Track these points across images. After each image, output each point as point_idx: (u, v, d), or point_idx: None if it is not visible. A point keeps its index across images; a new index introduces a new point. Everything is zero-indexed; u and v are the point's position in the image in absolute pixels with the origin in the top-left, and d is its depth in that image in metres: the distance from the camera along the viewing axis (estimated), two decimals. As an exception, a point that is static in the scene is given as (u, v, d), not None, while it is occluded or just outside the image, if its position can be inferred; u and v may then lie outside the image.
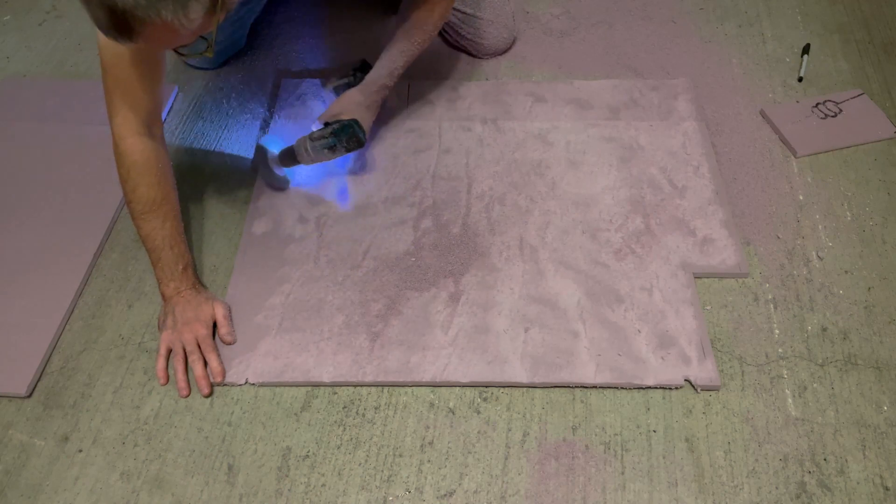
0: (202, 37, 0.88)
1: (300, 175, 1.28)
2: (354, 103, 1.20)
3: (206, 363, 1.04)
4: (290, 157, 1.21)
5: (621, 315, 1.08)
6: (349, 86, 1.28)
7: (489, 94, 1.41)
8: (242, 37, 1.50)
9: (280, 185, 1.26)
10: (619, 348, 1.04)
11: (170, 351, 1.06)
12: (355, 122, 1.17)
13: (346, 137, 1.16)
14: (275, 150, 1.23)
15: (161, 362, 1.05)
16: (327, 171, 1.28)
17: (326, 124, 1.19)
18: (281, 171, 1.24)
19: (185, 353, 1.05)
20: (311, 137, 1.18)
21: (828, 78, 1.42)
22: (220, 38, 1.43)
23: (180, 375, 1.04)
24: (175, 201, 1.10)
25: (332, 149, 1.17)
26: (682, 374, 1.02)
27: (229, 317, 1.08)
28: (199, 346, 1.05)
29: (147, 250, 1.09)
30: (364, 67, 1.30)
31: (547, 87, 1.41)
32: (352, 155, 1.25)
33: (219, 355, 1.05)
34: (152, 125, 1.08)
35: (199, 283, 1.11)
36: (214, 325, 1.07)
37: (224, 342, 1.07)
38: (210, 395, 1.03)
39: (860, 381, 1.02)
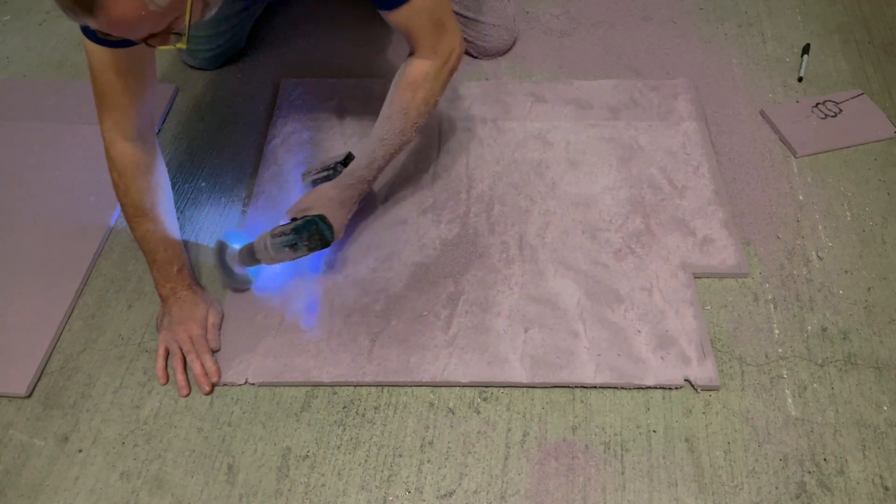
0: (175, 32, 0.83)
1: (264, 276, 1.13)
2: (326, 198, 1.07)
3: None
4: (250, 255, 1.07)
5: (621, 315, 1.08)
6: (327, 179, 1.14)
7: (489, 94, 1.41)
8: (243, 38, 1.50)
9: (240, 286, 1.12)
10: (618, 348, 1.04)
11: (168, 351, 1.06)
12: (321, 217, 1.03)
13: (307, 235, 1.03)
14: (236, 245, 1.10)
15: (160, 362, 1.05)
16: (296, 270, 1.14)
17: (293, 219, 1.06)
18: (242, 270, 1.11)
19: (182, 353, 1.05)
20: (272, 234, 1.04)
21: (828, 78, 1.42)
22: (220, 40, 1.44)
23: (179, 375, 1.04)
24: (168, 204, 1.11)
25: (292, 247, 1.03)
26: (682, 374, 1.02)
27: (219, 325, 1.08)
28: (193, 346, 1.05)
29: (143, 252, 1.10)
30: (347, 161, 1.15)
31: (547, 87, 1.41)
32: (322, 256, 1.14)
33: (212, 355, 1.05)
34: (143, 129, 1.07)
35: (195, 284, 1.11)
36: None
37: (210, 346, 1.06)
38: (210, 392, 1.03)
39: (860, 381, 1.02)
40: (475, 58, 1.49)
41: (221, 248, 1.10)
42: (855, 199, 1.23)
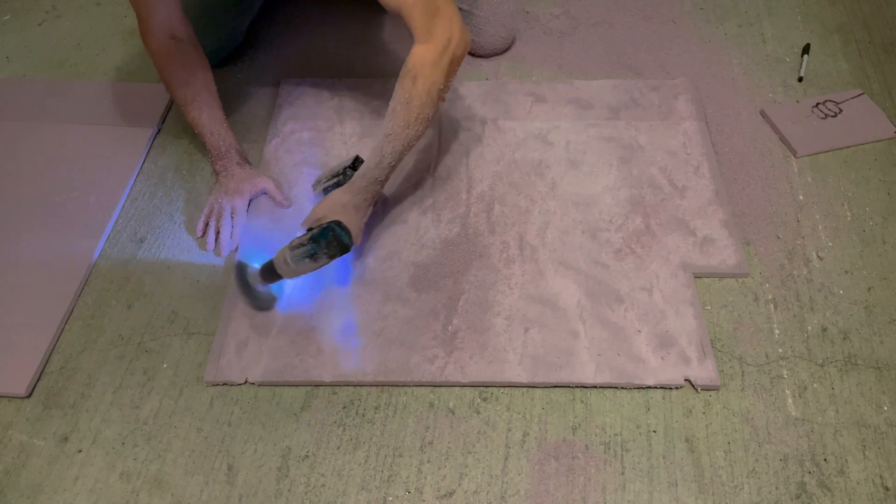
0: None
1: (289, 291, 1.13)
2: (339, 204, 1.07)
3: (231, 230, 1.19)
4: (271, 271, 1.06)
5: (621, 315, 1.08)
6: (339, 185, 1.14)
7: (489, 94, 1.41)
8: (241, 32, 1.50)
9: (265, 306, 1.11)
10: (619, 348, 1.04)
11: (211, 211, 1.21)
12: (337, 223, 1.03)
13: (325, 242, 1.02)
14: (256, 265, 1.09)
15: (202, 219, 1.22)
16: (319, 282, 1.13)
17: (309, 230, 1.06)
18: (265, 289, 1.10)
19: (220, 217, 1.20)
20: (291, 246, 1.04)
21: (828, 78, 1.42)
22: (218, 33, 1.44)
23: (211, 232, 1.20)
24: (208, 95, 1.23)
25: (313, 257, 1.02)
26: (682, 374, 1.02)
27: (275, 189, 1.24)
28: (231, 216, 1.20)
29: (197, 135, 1.25)
30: (356, 165, 1.16)
31: (547, 87, 1.41)
32: (348, 264, 1.13)
33: (240, 229, 1.20)
34: (175, 29, 1.20)
35: (245, 162, 1.25)
36: (250, 203, 1.23)
37: (282, 207, 1.23)
38: (224, 256, 1.18)
39: (860, 381, 1.02)
40: (473, 56, 1.49)
41: (242, 269, 1.09)
42: (855, 199, 1.23)
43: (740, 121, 1.35)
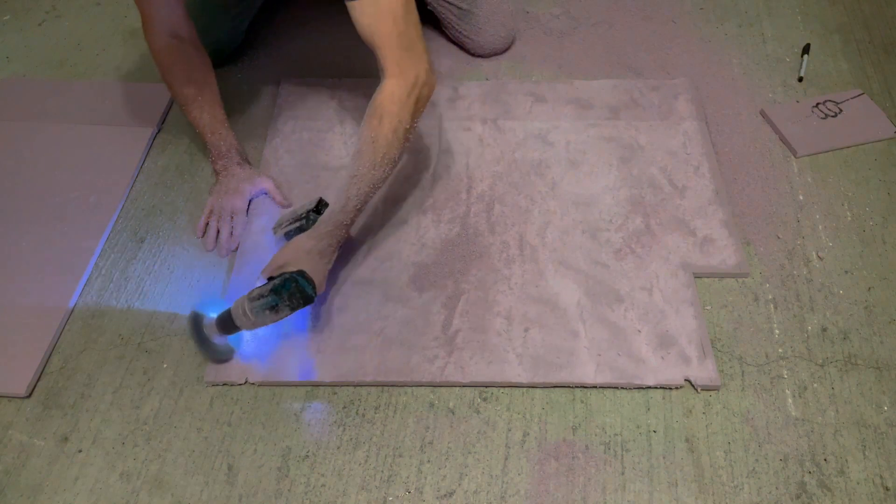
0: None
1: (246, 342, 1.07)
2: (303, 251, 1.02)
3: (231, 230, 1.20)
4: (227, 323, 1.01)
5: (621, 315, 1.08)
6: (300, 230, 1.09)
7: (489, 94, 1.41)
8: (240, 34, 1.50)
9: (222, 357, 1.05)
10: (619, 348, 1.04)
11: (211, 212, 1.21)
12: (301, 273, 0.99)
13: (287, 294, 0.98)
14: (213, 314, 1.04)
15: (203, 220, 1.21)
16: (281, 332, 1.07)
17: (270, 279, 1.02)
18: (222, 340, 1.05)
19: (220, 218, 1.20)
20: (250, 297, 0.99)
21: (828, 78, 1.42)
22: (218, 33, 1.44)
23: (212, 232, 1.20)
24: (211, 93, 1.24)
25: (273, 309, 0.98)
26: (682, 374, 1.02)
27: (276, 188, 1.24)
28: (231, 216, 1.20)
29: (198, 134, 1.25)
30: (320, 208, 1.11)
31: (547, 87, 1.41)
32: (307, 313, 1.09)
33: (239, 228, 1.20)
34: (178, 29, 1.20)
35: (245, 161, 1.26)
36: (249, 203, 1.24)
37: (282, 207, 1.23)
38: (226, 256, 1.18)
39: (860, 381, 1.02)
40: (474, 56, 1.49)
41: (196, 320, 1.03)
42: (855, 199, 1.23)
43: (740, 121, 1.35)
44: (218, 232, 1.20)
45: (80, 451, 0.99)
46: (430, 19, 1.51)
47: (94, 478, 0.97)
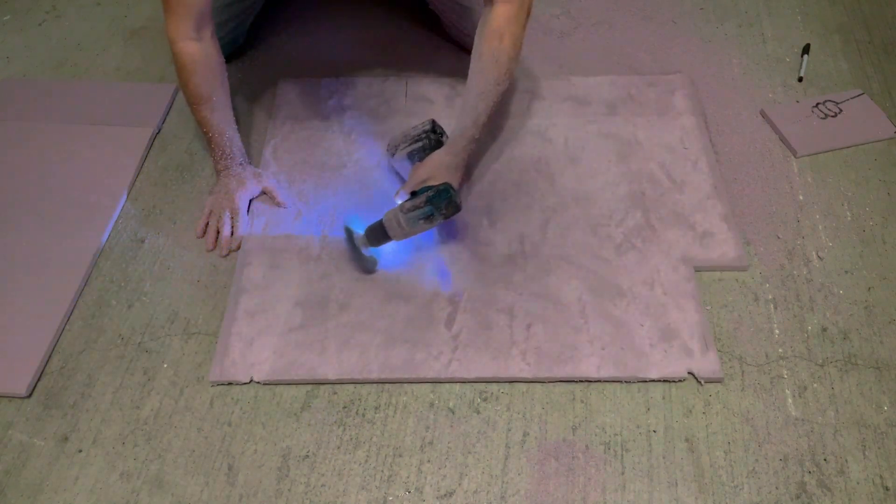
0: None
1: (387, 254, 1.15)
2: (443, 166, 1.12)
3: (232, 230, 1.21)
4: (378, 234, 1.11)
5: (623, 309, 1.08)
6: (424, 150, 1.17)
7: (489, 93, 1.41)
8: (242, 34, 1.50)
9: (369, 268, 1.14)
10: (621, 342, 1.05)
11: (211, 212, 1.22)
12: (449, 185, 1.08)
13: (443, 204, 1.07)
14: (359, 229, 1.13)
15: (202, 220, 1.22)
16: (415, 246, 1.16)
17: (413, 193, 1.11)
18: (368, 252, 1.14)
19: (220, 217, 1.20)
20: (403, 209, 1.08)
21: (828, 78, 1.42)
22: (218, 33, 1.44)
23: (212, 232, 1.20)
24: (223, 95, 1.24)
25: (428, 219, 1.08)
26: (684, 367, 1.02)
27: (276, 188, 1.25)
28: (231, 216, 1.21)
29: (203, 134, 1.25)
30: (436, 128, 1.20)
31: (544, 84, 1.42)
32: (436, 227, 1.14)
33: (231, 228, 1.20)
34: (201, 29, 1.19)
35: (247, 163, 1.26)
36: (250, 203, 1.25)
37: (282, 207, 1.24)
38: (226, 255, 1.19)
39: (860, 381, 1.02)
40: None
41: (350, 234, 1.13)
42: (855, 199, 1.23)
43: (740, 121, 1.35)
44: (218, 232, 1.20)
45: (80, 450, 0.99)
46: (430, 19, 1.51)
47: (94, 478, 0.97)
